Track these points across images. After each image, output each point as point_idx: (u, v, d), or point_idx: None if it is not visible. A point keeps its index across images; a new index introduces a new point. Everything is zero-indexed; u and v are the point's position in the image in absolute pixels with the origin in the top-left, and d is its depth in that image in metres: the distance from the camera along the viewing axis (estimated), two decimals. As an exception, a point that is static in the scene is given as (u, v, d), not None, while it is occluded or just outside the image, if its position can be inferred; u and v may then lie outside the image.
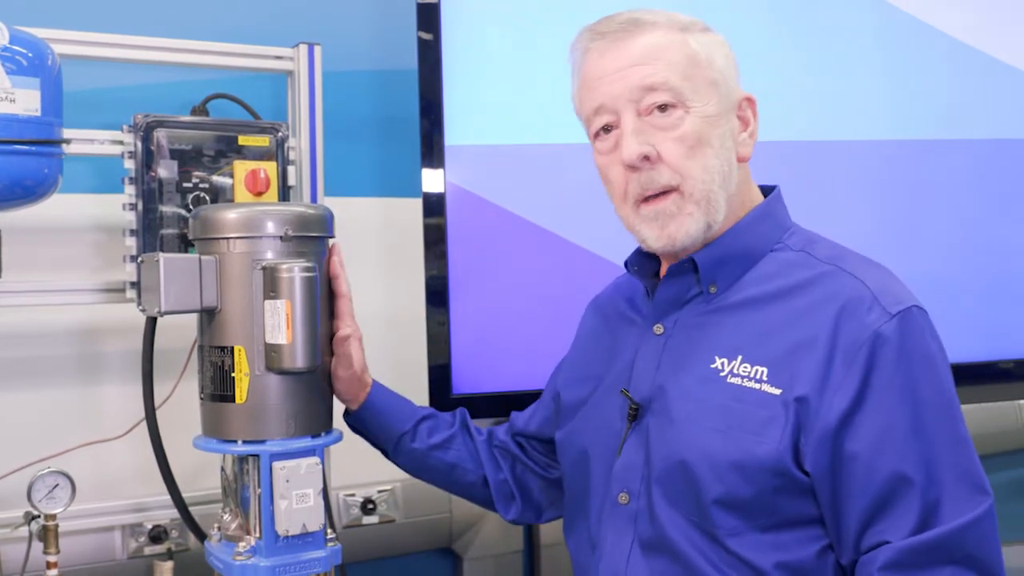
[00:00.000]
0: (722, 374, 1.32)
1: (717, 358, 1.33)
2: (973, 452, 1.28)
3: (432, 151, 1.94)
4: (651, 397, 1.39)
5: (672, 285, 1.40)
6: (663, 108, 1.33)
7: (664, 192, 1.34)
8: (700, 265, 1.36)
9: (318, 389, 1.62)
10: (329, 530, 1.64)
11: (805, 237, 1.41)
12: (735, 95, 1.39)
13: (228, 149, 1.87)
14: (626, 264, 1.48)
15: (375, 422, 1.68)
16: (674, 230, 1.34)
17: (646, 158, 1.33)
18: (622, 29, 1.36)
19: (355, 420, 1.70)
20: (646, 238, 1.37)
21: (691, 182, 1.33)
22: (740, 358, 1.32)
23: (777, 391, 1.28)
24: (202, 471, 1.93)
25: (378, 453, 1.74)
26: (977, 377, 2.28)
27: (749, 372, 1.30)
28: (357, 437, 1.74)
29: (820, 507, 1.28)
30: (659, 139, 1.33)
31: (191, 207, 1.82)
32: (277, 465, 1.56)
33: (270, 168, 1.88)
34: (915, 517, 1.23)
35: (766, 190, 1.45)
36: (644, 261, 1.46)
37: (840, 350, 1.26)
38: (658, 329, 1.42)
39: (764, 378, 1.29)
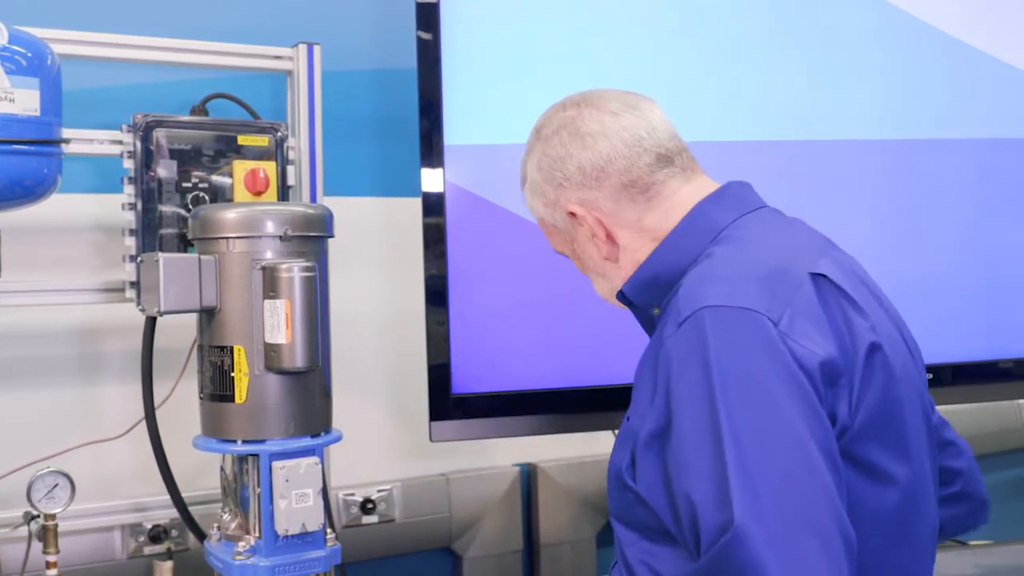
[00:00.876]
0: (636, 387, 1.35)
1: (646, 372, 1.35)
2: (754, 464, 1.12)
3: (431, 151, 1.94)
4: None
5: (636, 314, 1.46)
6: None
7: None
8: (627, 294, 1.42)
9: (318, 389, 1.62)
10: (328, 530, 1.64)
11: (724, 236, 1.35)
12: (562, 220, 1.44)
13: (227, 149, 1.87)
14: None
15: None
16: (597, 290, 1.51)
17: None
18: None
19: None
20: None
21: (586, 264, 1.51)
22: (647, 373, 1.32)
23: (649, 405, 1.29)
24: (202, 471, 1.93)
25: (375, 452, 1.73)
26: (976, 376, 2.28)
27: (645, 387, 1.31)
28: (356, 436, 1.74)
29: None
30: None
31: (190, 207, 1.82)
32: (277, 465, 1.56)
33: (269, 168, 1.88)
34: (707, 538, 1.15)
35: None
36: None
37: (656, 367, 1.26)
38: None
39: (649, 391, 1.29)
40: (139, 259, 1.68)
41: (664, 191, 1.40)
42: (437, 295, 1.94)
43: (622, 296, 1.43)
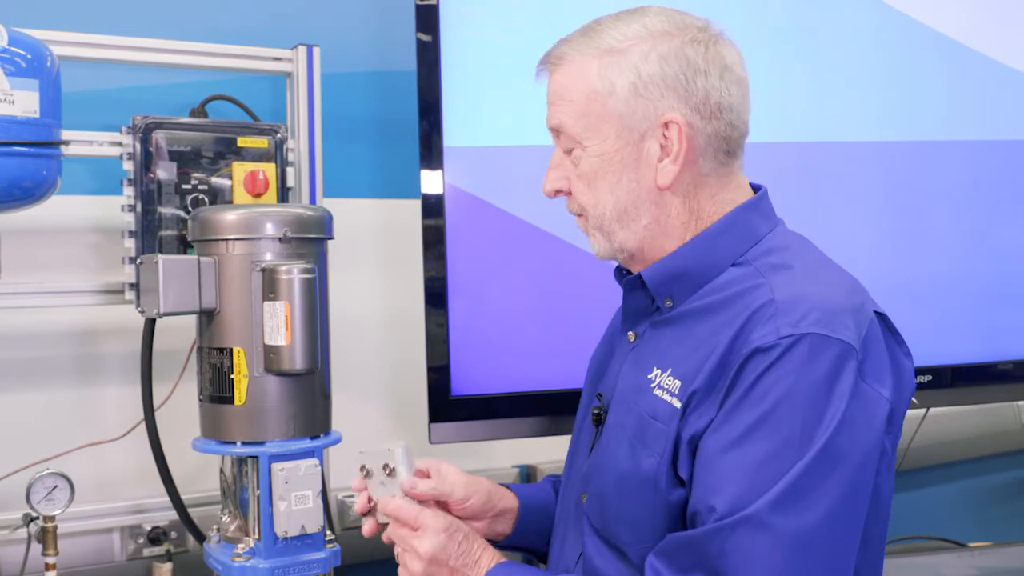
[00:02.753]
0: (652, 385, 1.32)
1: (655, 368, 1.33)
2: (804, 487, 1.17)
3: (431, 152, 1.94)
4: (610, 401, 1.42)
5: (633, 297, 1.41)
6: (567, 150, 1.37)
7: (580, 214, 1.41)
8: (648, 282, 1.37)
9: (317, 391, 1.62)
10: (328, 532, 1.64)
11: (770, 247, 1.35)
12: (648, 122, 1.31)
13: (227, 151, 1.87)
14: (616, 270, 1.49)
15: (539, 520, 1.60)
16: (591, 247, 1.41)
17: (559, 191, 1.40)
18: (548, 63, 1.38)
19: (517, 538, 1.60)
20: None
21: (590, 213, 1.38)
22: (670, 370, 1.31)
23: (679, 404, 1.27)
24: (201, 473, 1.93)
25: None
26: (976, 378, 2.28)
27: (670, 385, 1.30)
28: (355, 438, 1.74)
29: None
30: (569, 173, 1.38)
31: (190, 209, 1.82)
32: (276, 467, 1.56)
33: (269, 169, 1.88)
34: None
35: (755, 188, 1.43)
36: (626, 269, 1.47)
37: (725, 364, 1.24)
38: (631, 336, 1.43)
39: (676, 391, 1.29)
40: (138, 261, 1.68)
41: (734, 168, 1.38)
42: (436, 297, 1.94)
43: (636, 279, 1.38)
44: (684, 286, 1.35)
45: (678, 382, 1.29)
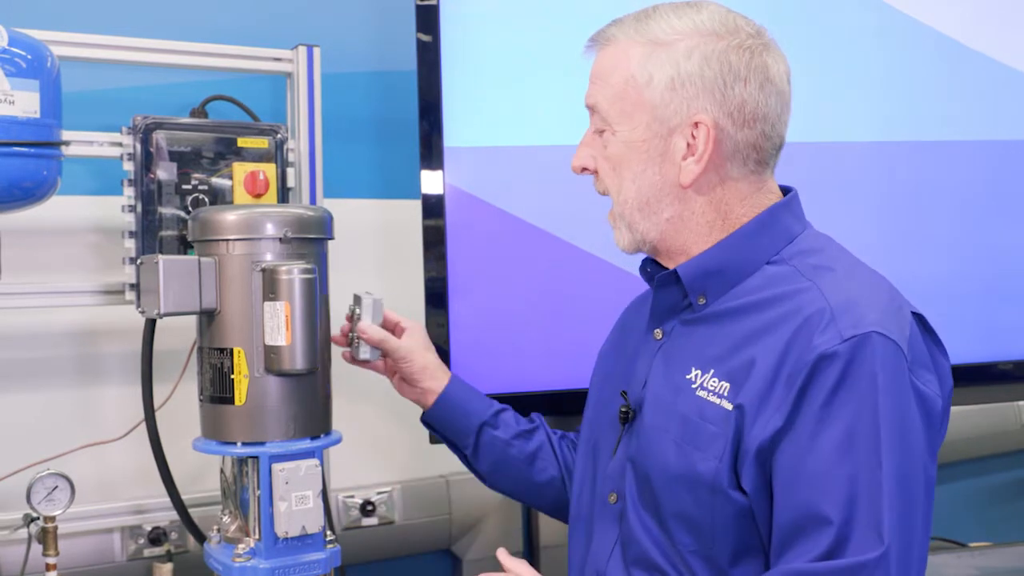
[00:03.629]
0: (693, 386, 1.32)
1: (693, 369, 1.33)
2: (896, 494, 1.19)
3: (431, 153, 1.94)
4: (640, 401, 1.41)
5: (665, 294, 1.40)
6: (598, 130, 1.39)
7: (605, 193, 1.42)
8: (683, 277, 1.36)
9: (318, 391, 1.62)
10: (328, 532, 1.64)
11: (805, 248, 1.36)
12: (679, 118, 1.32)
13: (227, 151, 1.86)
14: (641, 268, 1.48)
15: (455, 413, 1.69)
16: (616, 240, 1.42)
17: (586, 169, 1.41)
18: (595, 40, 1.39)
19: (433, 415, 1.72)
20: None
21: (614, 199, 1.39)
22: (712, 371, 1.30)
23: (731, 406, 1.27)
24: (201, 473, 1.93)
25: (375, 454, 1.73)
26: (976, 378, 2.28)
27: (716, 387, 1.29)
28: (356, 438, 1.74)
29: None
30: (598, 153, 1.40)
31: (190, 209, 1.82)
32: (276, 467, 1.56)
33: (269, 170, 1.88)
34: (821, 551, 1.19)
35: (785, 190, 1.43)
36: (654, 264, 1.46)
37: (786, 369, 1.23)
38: (657, 334, 1.42)
39: (725, 393, 1.28)
40: (139, 261, 1.68)
41: (765, 176, 1.38)
42: (437, 297, 1.94)
43: (672, 274, 1.37)
44: (718, 284, 1.35)
45: (725, 384, 1.28)
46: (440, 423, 1.71)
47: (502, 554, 1.44)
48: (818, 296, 1.26)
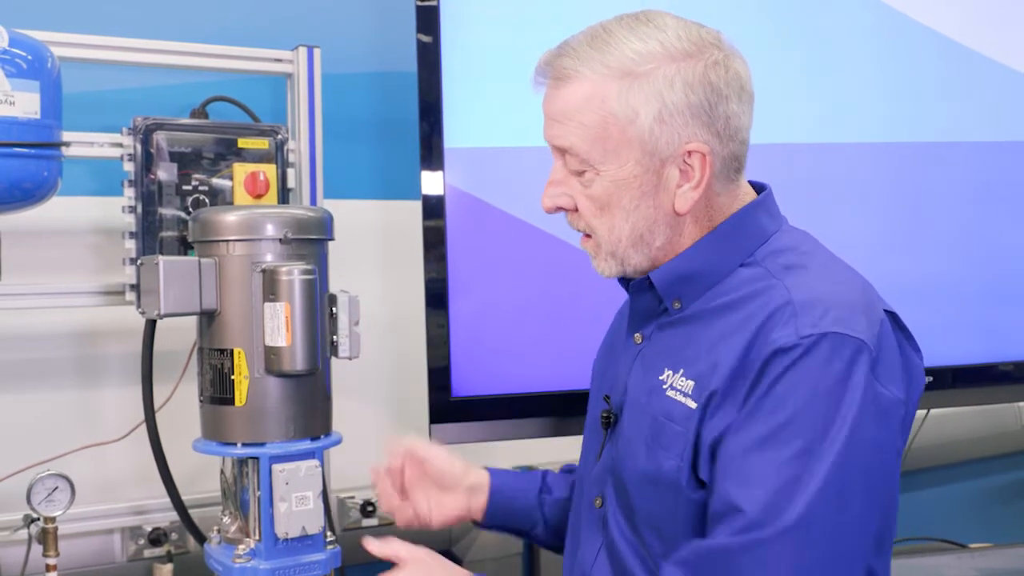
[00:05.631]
0: (664, 387, 1.32)
1: (666, 370, 1.32)
2: (820, 491, 1.17)
3: (431, 153, 1.94)
4: (620, 405, 1.41)
5: (641, 299, 1.40)
6: (576, 171, 1.32)
7: (587, 234, 1.37)
8: (656, 284, 1.35)
9: (318, 392, 1.62)
10: (328, 533, 1.64)
11: (778, 247, 1.35)
12: (671, 149, 1.28)
13: (227, 152, 1.87)
14: None
15: (510, 504, 1.62)
16: (597, 267, 1.38)
17: (561, 208, 1.36)
18: (553, 76, 1.31)
19: (492, 518, 1.61)
20: None
21: (600, 237, 1.34)
22: (681, 371, 1.30)
23: (694, 405, 1.26)
24: (202, 474, 1.93)
25: (375, 454, 1.73)
26: (976, 379, 2.28)
27: (683, 386, 1.29)
28: (356, 439, 1.74)
29: None
30: (576, 192, 1.34)
31: (190, 210, 1.82)
32: (277, 468, 1.56)
33: (269, 171, 1.88)
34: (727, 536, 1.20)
35: (758, 187, 1.41)
36: None
37: (746, 365, 1.23)
38: (637, 339, 1.42)
39: (690, 391, 1.28)
40: (139, 262, 1.68)
41: (740, 180, 1.36)
42: (437, 298, 1.94)
43: (645, 281, 1.36)
44: (693, 288, 1.34)
45: (691, 382, 1.28)
46: (502, 514, 1.62)
47: (394, 544, 1.44)
48: (783, 293, 1.26)
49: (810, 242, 1.39)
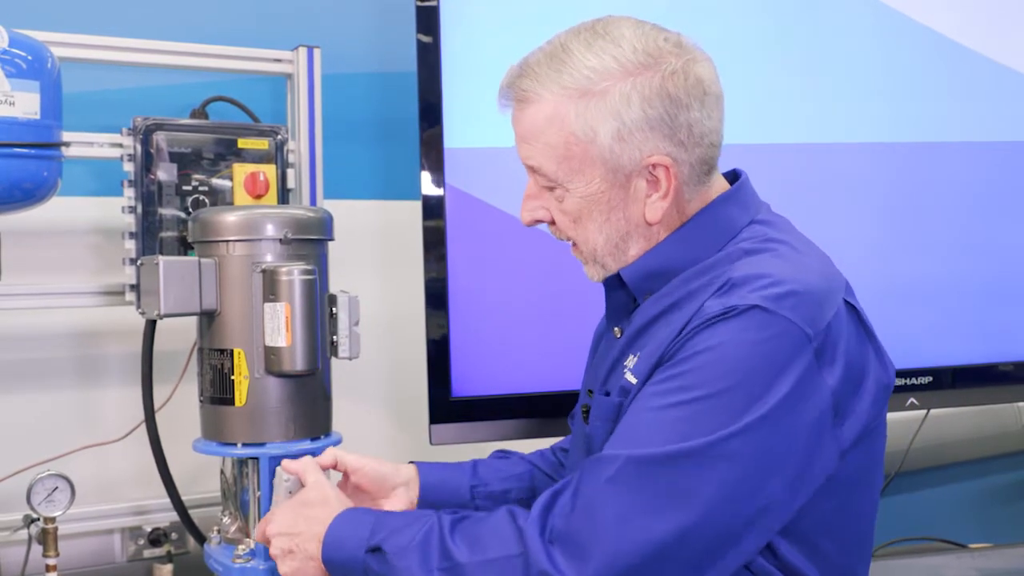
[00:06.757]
0: (625, 371, 1.33)
1: (631, 355, 1.34)
2: (706, 458, 1.15)
3: (431, 154, 1.94)
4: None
5: (615, 296, 1.42)
6: (547, 187, 1.35)
7: (573, 243, 1.40)
8: (627, 280, 1.37)
9: (318, 392, 1.62)
10: (329, 533, 1.64)
11: (745, 237, 1.34)
12: (633, 164, 1.29)
13: (227, 152, 1.87)
14: None
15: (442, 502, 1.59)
16: (587, 273, 1.41)
17: (539, 220, 1.40)
18: (515, 98, 1.33)
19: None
20: None
21: (581, 248, 1.38)
22: (639, 355, 1.32)
23: (635, 380, 1.29)
24: (202, 474, 1.93)
25: (375, 454, 1.73)
26: (977, 379, 2.28)
27: (631, 364, 1.32)
28: (356, 439, 1.74)
29: None
30: (551, 206, 1.37)
31: (190, 210, 1.82)
32: (280, 470, 1.56)
33: (269, 171, 1.88)
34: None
35: (734, 176, 1.41)
36: None
37: (679, 336, 1.24)
38: (617, 333, 1.43)
39: (632, 366, 1.31)
40: (139, 262, 1.68)
41: (712, 179, 1.36)
42: (437, 298, 1.94)
43: (615, 278, 1.38)
44: (659, 281, 1.35)
45: (636, 358, 1.31)
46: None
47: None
48: (727, 271, 1.27)
49: (784, 230, 1.37)
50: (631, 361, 1.33)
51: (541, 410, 2.00)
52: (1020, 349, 2.32)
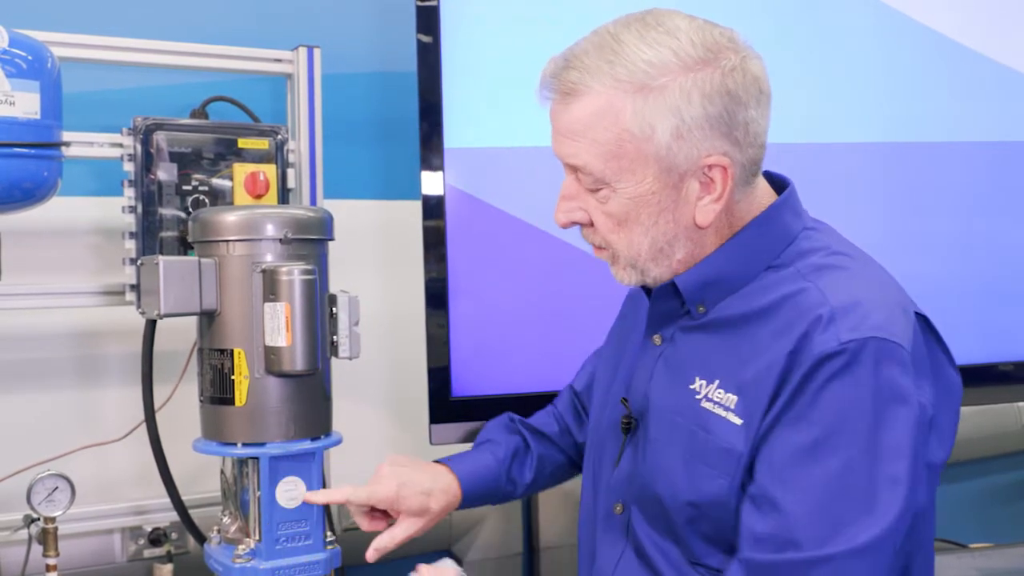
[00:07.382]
0: (698, 397, 1.28)
1: (697, 379, 1.29)
2: (861, 502, 1.18)
3: (431, 153, 1.94)
4: (642, 410, 1.38)
5: (662, 302, 1.36)
6: (591, 188, 1.28)
7: (603, 247, 1.33)
8: (682, 290, 1.32)
9: (318, 392, 1.62)
10: (328, 533, 1.64)
11: (806, 247, 1.31)
12: (690, 163, 1.23)
13: (228, 152, 1.87)
14: None
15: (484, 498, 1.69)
16: (616, 275, 1.34)
17: (576, 223, 1.32)
18: (560, 90, 1.25)
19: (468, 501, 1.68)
20: None
21: (618, 251, 1.31)
22: (717, 383, 1.27)
23: (740, 421, 1.24)
24: (202, 474, 1.93)
25: (375, 454, 1.74)
26: (977, 379, 2.27)
27: (722, 399, 1.26)
28: (355, 439, 1.74)
29: None
30: (591, 207, 1.30)
31: (190, 210, 1.82)
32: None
33: (269, 171, 1.88)
34: (766, 529, 1.20)
35: (780, 183, 1.37)
36: None
37: (789, 377, 1.21)
38: (656, 340, 1.38)
39: (733, 406, 1.25)
40: (139, 262, 1.68)
41: (757, 181, 1.32)
42: (437, 298, 1.94)
43: (670, 286, 1.32)
44: (718, 292, 1.31)
45: (733, 396, 1.25)
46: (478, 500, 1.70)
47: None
48: (819, 298, 1.22)
49: (836, 239, 1.35)
50: (710, 390, 1.27)
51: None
52: (1020, 349, 2.32)
